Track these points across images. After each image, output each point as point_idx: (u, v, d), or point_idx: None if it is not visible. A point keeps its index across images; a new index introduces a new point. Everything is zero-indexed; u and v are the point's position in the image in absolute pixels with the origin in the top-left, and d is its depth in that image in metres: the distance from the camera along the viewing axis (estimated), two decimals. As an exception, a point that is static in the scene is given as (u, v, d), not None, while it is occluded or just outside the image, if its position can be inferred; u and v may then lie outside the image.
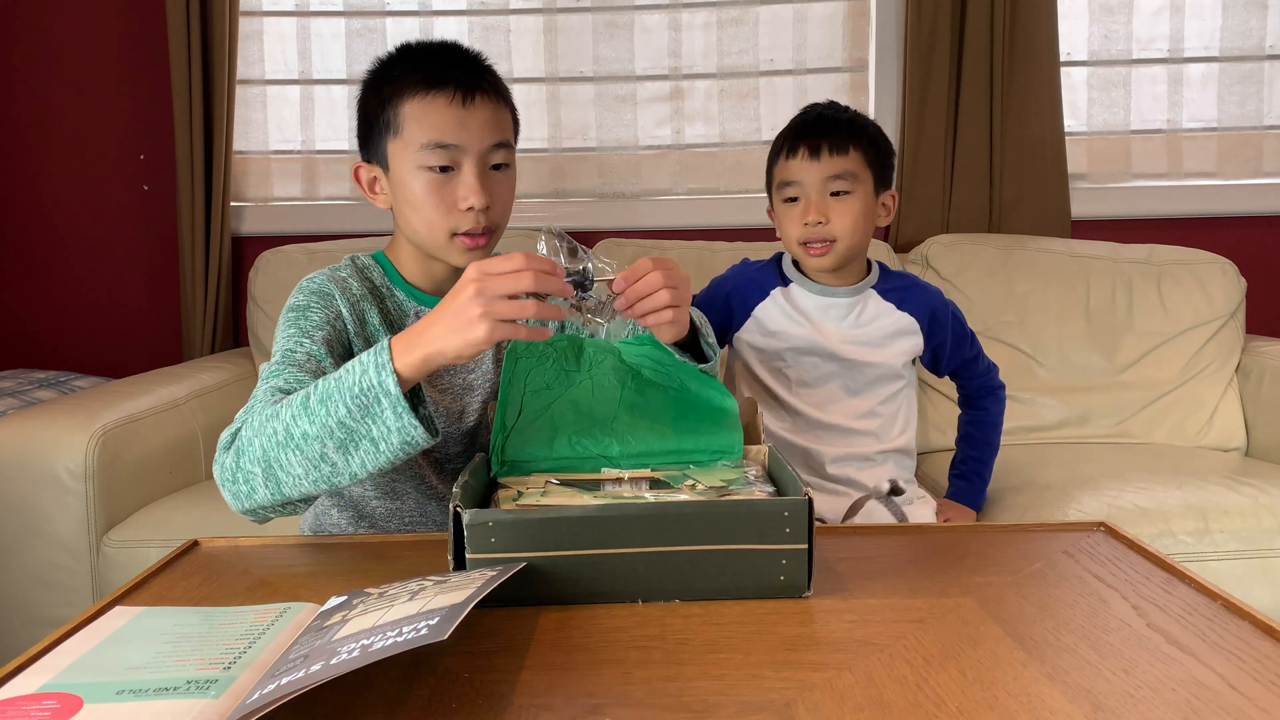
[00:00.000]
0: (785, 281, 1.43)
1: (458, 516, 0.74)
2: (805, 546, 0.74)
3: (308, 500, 0.89)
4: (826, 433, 1.42)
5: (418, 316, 1.10)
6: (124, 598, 0.79)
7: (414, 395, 0.85)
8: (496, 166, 1.06)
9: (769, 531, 0.74)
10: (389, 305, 1.09)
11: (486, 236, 1.05)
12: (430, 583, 0.70)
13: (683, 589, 0.75)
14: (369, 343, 1.05)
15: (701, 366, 0.99)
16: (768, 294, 1.42)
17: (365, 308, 1.07)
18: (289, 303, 1.05)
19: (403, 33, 2.35)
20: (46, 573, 1.56)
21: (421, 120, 1.02)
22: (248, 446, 0.87)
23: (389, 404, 0.81)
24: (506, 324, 0.81)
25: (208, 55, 2.21)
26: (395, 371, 0.81)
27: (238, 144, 2.34)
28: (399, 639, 0.57)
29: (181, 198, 2.25)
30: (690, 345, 1.00)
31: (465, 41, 1.09)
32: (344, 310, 1.04)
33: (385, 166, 1.06)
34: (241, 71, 2.31)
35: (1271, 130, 2.33)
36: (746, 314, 1.44)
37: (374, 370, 0.82)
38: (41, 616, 1.56)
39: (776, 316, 1.42)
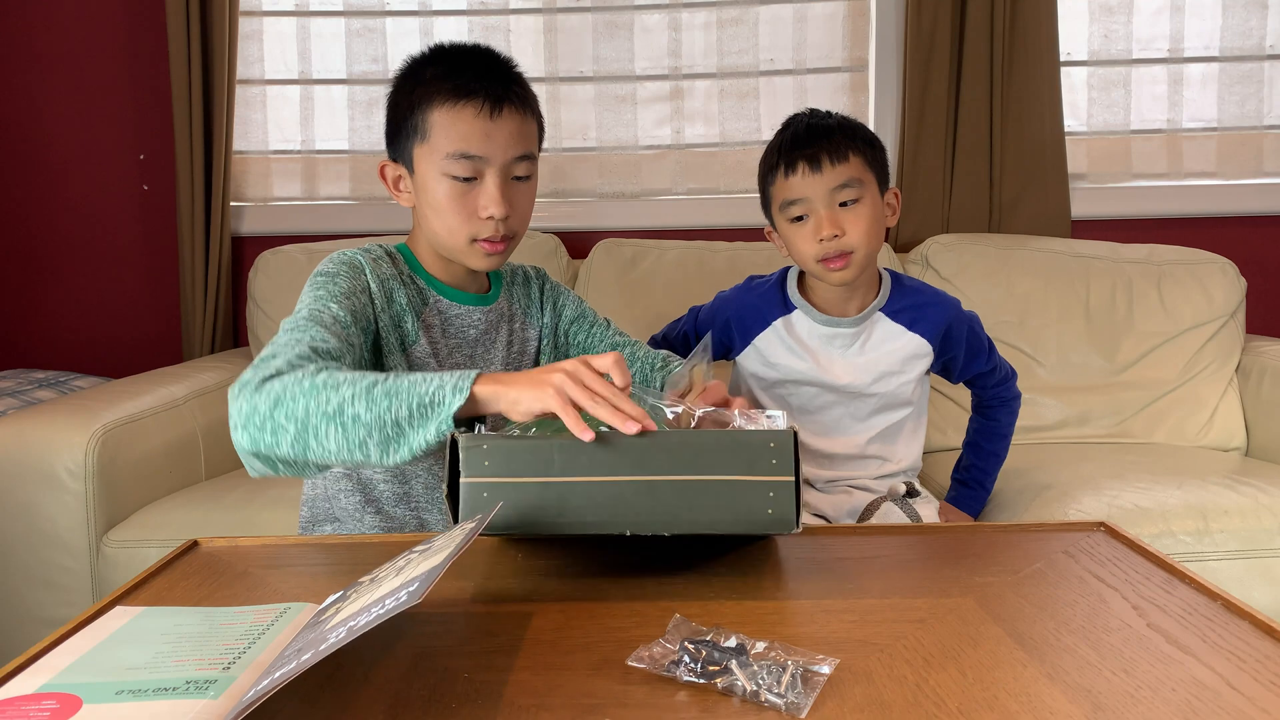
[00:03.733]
0: (789, 308, 1.39)
1: (454, 441, 0.76)
2: (791, 479, 0.74)
3: (320, 470, 0.90)
4: (829, 459, 1.41)
5: (437, 304, 1.13)
6: (124, 598, 0.79)
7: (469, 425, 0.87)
8: (518, 177, 1.09)
9: (756, 462, 0.74)
10: (410, 291, 1.12)
11: (505, 243, 1.10)
12: (416, 553, 0.71)
13: (671, 520, 0.75)
14: (395, 321, 1.08)
15: None
16: (769, 324, 1.39)
17: (393, 287, 1.09)
18: (318, 269, 1.07)
19: (402, 32, 2.35)
20: (46, 573, 1.56)
21: (448, 130, 1.04)
22: (290, 402, 0.86)
23: (437, 420, 0.82)
24: (568, 402, 0.81)
25: (208, 55, 2.21)
26: (470, 398, 0.83)
27: (237, 144, 2.34)
28: (380, 611, 0.58)
29: (181, 198, 2.25)
30: None
31: (465, 42, 1.11)
32: (372, 285, 1.07)
33: (410, 169, 1.10)
34: (241, 71, 2.31)
35: (1271, 130, 2.33)
36: (746, 342, 1.40)
37: (450, 389, 0.83)
38: (41, 616, 1.56)
39: (777, 348, 1.38)
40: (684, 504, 0.75)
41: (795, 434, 0.75)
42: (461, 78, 1.05)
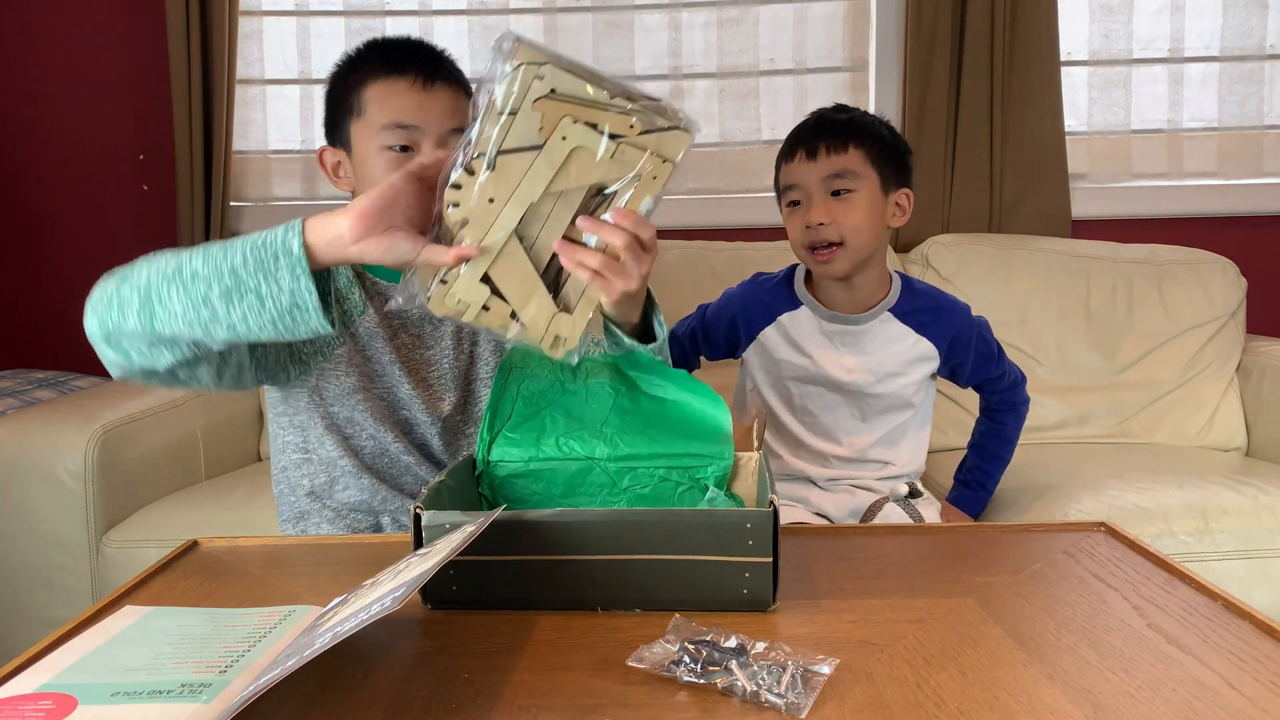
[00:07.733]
0: (794, 304, 1.38)
1: (418, 517, 0.74)
2: (770, 560, 0.72)
3: (173, 350, 0.91)
4: (829, 460, 1.41)
5: (375, 285, 1.12)
6: (123, 598, 0.79)
7: (323, 294, 0.86)
8: None
9: (730, 543, 0.72)
10: (350, 270, 1.12)
11: None
12: (416, 557, 0.70)
13: (643, 599, 0.74)
14: (339, 294, 1.09)
15: (648, 347, 0.97)
16: (774, 319, 1.38)
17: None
18: None
19: (402, 32, 2.35)
20: (46, 573, 1.56)
21: (383, 102, 1.07)
22: (135, 275, 0.90)
23: (287, 263, 0.83)
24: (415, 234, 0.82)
25: (208, 55, 2.21)
26: (304, 238, 0.83)
27: (237, 144, 2.34)
28: (364, 616, 0.58)
29: (181, 198, 2.25)
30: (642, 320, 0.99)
31: (465, 42, 1.12)
32: None
33: (349, 149, 1.11)
34: (241, 71, 2.31)
35: (1272, 130, 2.33)
36: (751, 338, 1.40)
37: (281, 231, 0.84)
38: (41, 616, 1.56)
39: (781, 345, 1.38)
40: (656, 582, 0.73)
41: (775, 512, 0.71)
42: (394, 56, 1.08)
